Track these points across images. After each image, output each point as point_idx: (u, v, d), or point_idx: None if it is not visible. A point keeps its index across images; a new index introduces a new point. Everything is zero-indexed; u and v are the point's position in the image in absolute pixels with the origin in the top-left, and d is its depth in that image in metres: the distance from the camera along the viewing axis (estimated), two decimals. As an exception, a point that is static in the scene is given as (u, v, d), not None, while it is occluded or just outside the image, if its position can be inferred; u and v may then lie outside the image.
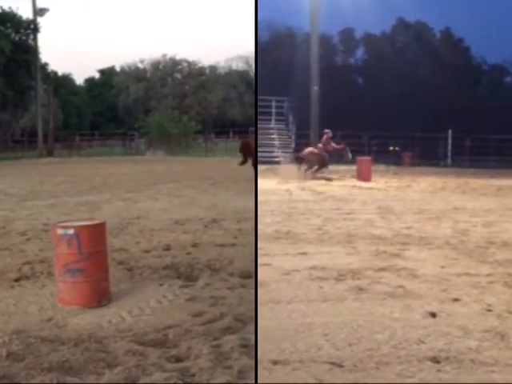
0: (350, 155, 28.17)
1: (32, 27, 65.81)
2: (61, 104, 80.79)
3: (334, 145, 27.98)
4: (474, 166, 39.95)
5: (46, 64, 76.15)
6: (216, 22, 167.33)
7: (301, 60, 45.52)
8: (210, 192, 21.88)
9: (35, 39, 66.40)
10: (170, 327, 6.70)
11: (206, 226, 14.08)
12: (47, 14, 68.47)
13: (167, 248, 11.40)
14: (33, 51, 65.57)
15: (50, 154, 60.36)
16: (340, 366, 5.05)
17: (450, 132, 44.26)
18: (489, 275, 8.11)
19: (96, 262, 7.74)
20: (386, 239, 10.95)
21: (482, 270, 8.42)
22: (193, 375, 5.46)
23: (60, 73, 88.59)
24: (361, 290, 7.31)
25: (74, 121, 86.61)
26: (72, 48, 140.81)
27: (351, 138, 34.25)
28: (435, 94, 52.57)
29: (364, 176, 25.68)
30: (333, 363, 5.09)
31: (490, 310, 6.55)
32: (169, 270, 9.52)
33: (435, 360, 5.16)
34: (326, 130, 28.21)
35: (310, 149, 28.52)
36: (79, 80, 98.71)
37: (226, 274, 9.16)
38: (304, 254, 9.52)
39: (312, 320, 6.19)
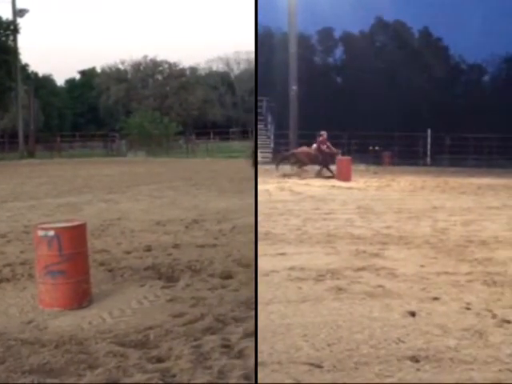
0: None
1: (12, 28, 65.21)
2: (41, 105, 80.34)
3: (328, 146, 27.97)
4: (453, 165, 40.07)
5: (27, 65, 75.56)
6: (196, 24, 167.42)
7: (279, 60, 45.62)
8: (190, 193, 21.88)
9: (15, 40, 65.82)
10: (151, 328, 6.72)
11: (186, 227, 14.11)
12: (27, 15, 67.97)
13: (148, 249, 11.43)
14: (13, 52, 64.95)
15: (31, 155, 59.97)
16: (319, 366, 5.06)
17: (429, 131, 44.36)
18: (468, 274, 8.18)
19: (77, 264, 7.73)
20: (365, 239, 10.99)
21: (461, 269, 8.48)
22: (173, 376, 5.49)
23: (40, 74, 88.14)
24: (340, 290, 7.34)
25: (55, 122, 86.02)
26: (52, 49, 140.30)
27: (330, 137, 34.14)
28: (414, 94, 52.77)
29: (344, 176, 25.67)
30: (312, 364, 5.10)
31: (468, 309, 6.61)
32: (150, 271, 9.54)
33: (414, 359, 5.19)
34: (322, 132, 28.23)
35: (303, 148, 28.71)
36: (60, 81, 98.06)
37: (207, 275, 9.19)
38: (283, 254, 9.52)
39: (291, 321, 6.20)
